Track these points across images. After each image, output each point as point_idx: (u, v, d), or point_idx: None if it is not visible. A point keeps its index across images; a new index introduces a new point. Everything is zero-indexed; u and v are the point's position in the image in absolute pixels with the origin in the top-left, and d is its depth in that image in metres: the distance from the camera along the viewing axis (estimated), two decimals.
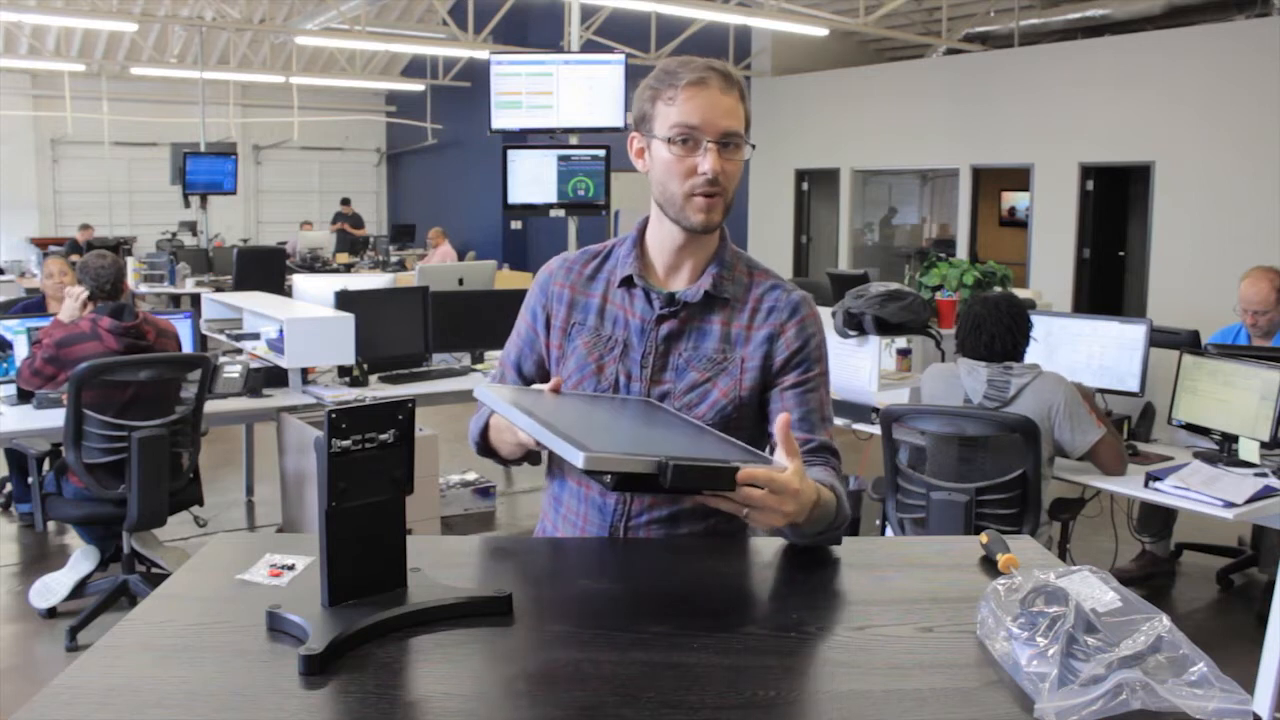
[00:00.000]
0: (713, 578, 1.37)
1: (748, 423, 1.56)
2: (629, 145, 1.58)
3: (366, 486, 1.14)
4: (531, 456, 1.61)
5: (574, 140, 6.41)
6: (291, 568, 1.28)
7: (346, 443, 1.12)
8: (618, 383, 1.55)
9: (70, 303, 3.86)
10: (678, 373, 1.55)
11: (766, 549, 1.47)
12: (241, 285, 8.03)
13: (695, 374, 1.55)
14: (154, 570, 3.93)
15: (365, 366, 4.59)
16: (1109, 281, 11.88)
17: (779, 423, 1.28)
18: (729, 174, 1.50)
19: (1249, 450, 3.41)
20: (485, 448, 1.65)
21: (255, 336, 4.88)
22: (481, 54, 11.20)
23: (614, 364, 1.56)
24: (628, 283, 1.58)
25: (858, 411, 4.03)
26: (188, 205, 11.90)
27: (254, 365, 4.51)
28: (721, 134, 1.48)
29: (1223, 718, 0.92)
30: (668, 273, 1.59)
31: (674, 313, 1.56)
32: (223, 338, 5.30)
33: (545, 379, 1.60)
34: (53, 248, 12.51)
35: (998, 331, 3.24)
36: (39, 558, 4.52)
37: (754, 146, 1.55)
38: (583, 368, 1.57)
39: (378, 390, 4.55)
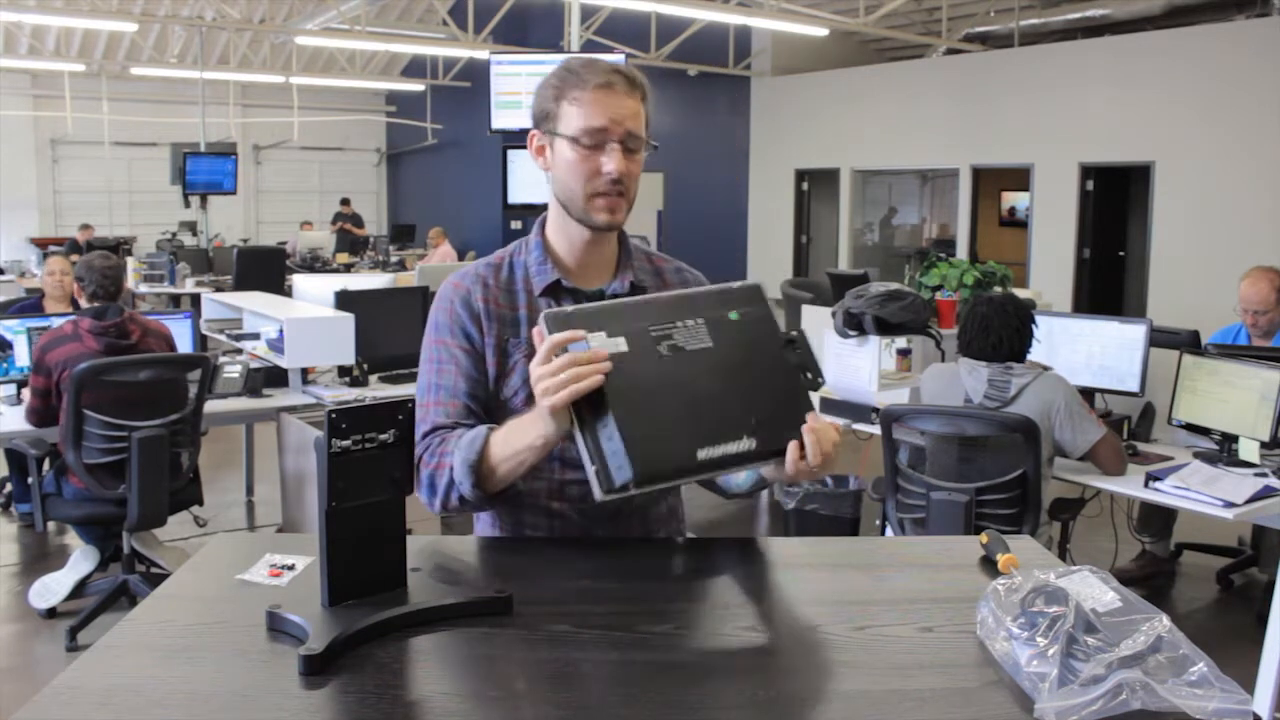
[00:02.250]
0: (713, 578, 1.37)
1: None
2: (529, 143, 1.58)
3: (366, 486, 1.14)
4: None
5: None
6: (291, 568, 1.28)
7: (346, 443, 1.12)
8: None
9: None
10: None
11: (766, 549, 1.47)
12: (241, 285, 8.03)
13: None
14: (154, 570, 3.93)
15: (365, 366, 4.59)
16: (1109, 281, 11.89)
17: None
18: (632, 175, 1.52)
19: (1249, 450, 3.40)
20: (484, 495, 1.45)
21: (255, 336, 4.88)
22: (481, 54, 11.19)
23: None
24: (552, 289, 1.57)
25: (858, 411, 4.03)
26: (188, 205, 11.92)
27: (254, 365, 4.51)
28: (624, 136, 1.50)
29: (1223, 718, 0.92)
30: (579, 272, 1.59)
31: None
32: (223, 338, 5.30)
33: (491, 404, 1.55)
34: (53, 248, 12.50)
35: (1006, 333, 3.24)
36: (39, 558, 4.52)
37: (656, 147, 1.56)
38: (528, 382, 1.51)
39: (378, 390, 4.55)
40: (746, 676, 1.07)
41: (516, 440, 1.39)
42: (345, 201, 16.46)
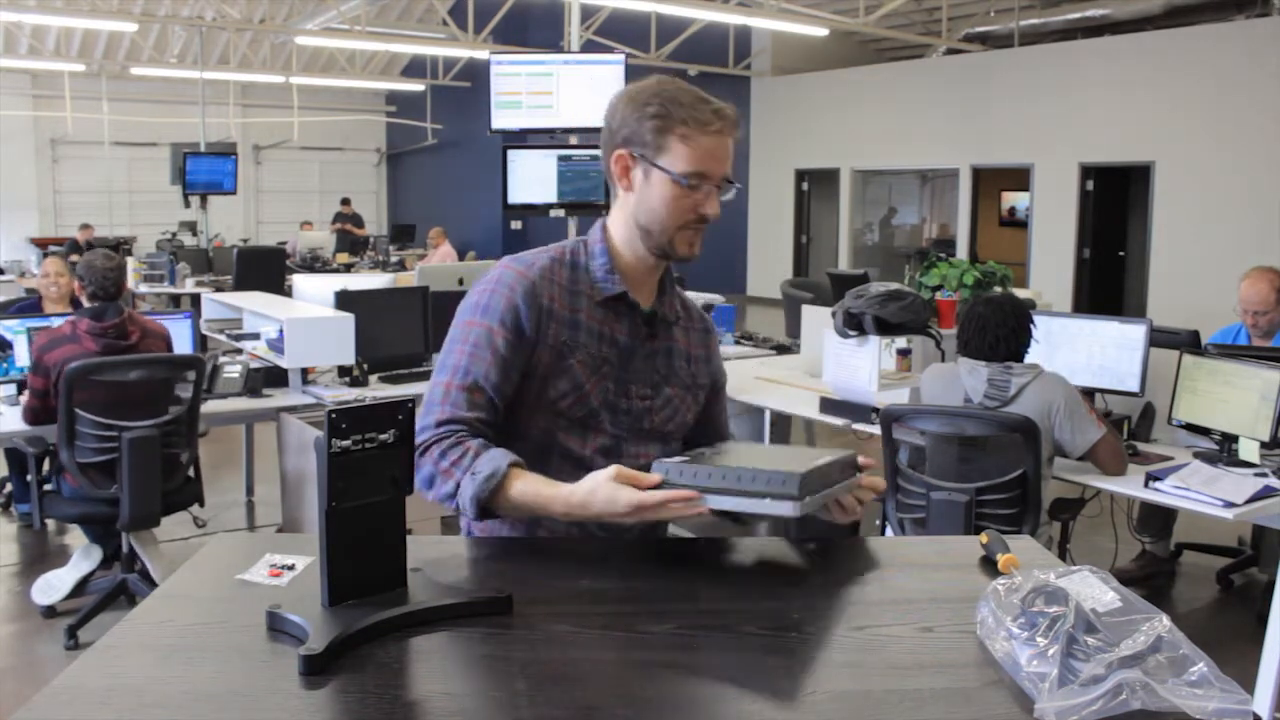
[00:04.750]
0: (713, 578, 1.37)
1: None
2: (612, 160, 1.56)
3: (366, 486, 1.14)
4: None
5: (574, 140, 6.41)
6: (291, 568, 1.28)
7: (346, 443, 1.12)
8: (607, 400, 1.56)
9: None
10: (655, 389, 1.61)
11: (766, 549, 1.47)
12: (241, 285, 8.02)
13: (669, 390, 1.62)
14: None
15: (365, 366, 4.59)
16: (1109, 281, 11.89)
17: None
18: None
19: (1249, 450, 3.40)
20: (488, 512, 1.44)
21: (255, 336, 4.88)
22: (481, 54, 11.21)
23: (604, 382, 1.56)
24: (613, 301, 1.57)
25: (858, 411, 4.03)
26: (188, 205, 11.91)
27: (254, 365, 4.51)
28: (725, 180, 1.53)
29: (1223, 718, 0.92)
30: (636, 290, 1.60)
31: (656, 331, 1.61)
32: (223, 338, 5.30)
33: (513, 397, 1.54)
34: (53, 248, 12.50)
35: (1003, 333, 3.23)
36: (39, 557, 4.52)
37: (739, 188, 1.61)
38: (578, 388, 1.54)
39: (378, 390, 4.55)
40: (746, 676, 1.07)
41: (547, 498, 1.40)
42: (346, 201, 16.46)
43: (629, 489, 1.31)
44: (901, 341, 4.33)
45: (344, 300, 4.67)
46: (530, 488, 1.40)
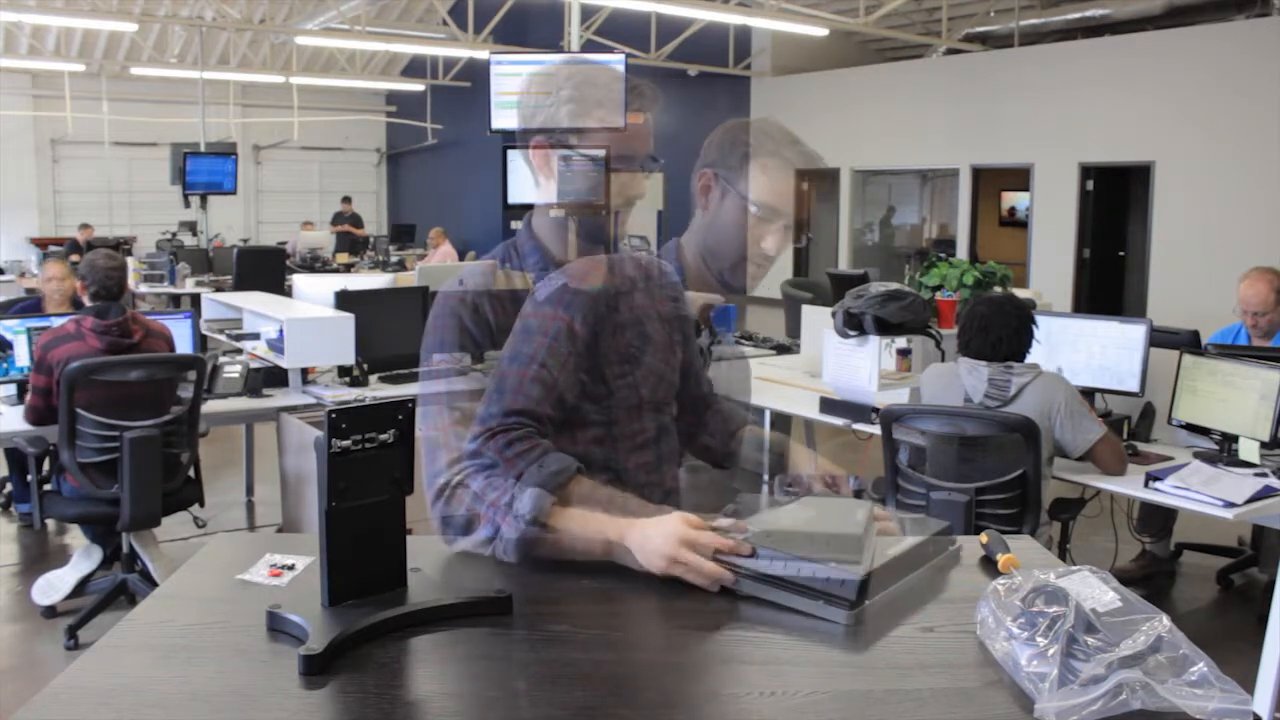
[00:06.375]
0: None
1: None
2: (697, 178, 1.59)
3: (366, 486, 1.14)
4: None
5: (574, 140, 6.40)
6: (291, 568, 1.29)
7: (346, 443, 1.12)
8: (656, 416, 1.56)
9: None
10: (682, 409, 1.62)
11: None
12: (241, 285, 8.01)
13: (689, 415, 1.65)
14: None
15: (365, 366, 4.59)
16: (1109, 281, 11.89)
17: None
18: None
19: (1249, 450, 3.40)
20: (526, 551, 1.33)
21: (255, 336, 4.88)
22: (481, 54, 11.22)
23: (655, 397, 1.55)
24: (680, 320, 1.58)
25: (858, 411, 4.03)
26: (188, 205, 11.90)
27: (254, 365, 4.51)
28: (793, 220, 1.57)
29: (1223, 718, 0.92)
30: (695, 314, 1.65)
31: (706, 358, 1.66)
32: (223, 338, 5.30)
33: (580, 410, 1.47)
34: (53, 248, 12.50)
35: (1006, 333, 3.24)
36: (39, 557, 4.52)
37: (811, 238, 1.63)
38: (634, 396, 1.50)
39: (378, 390, 4.55)
40: (747, 677, 1.07)
41: (609, 501, 1.31)
42: (347, 200, 16.45)
43: (686, 527, 1.23)
44: (901, 341, 4.33)
45: (344, 300, 4.67)
46: (595, 493, 1.34)
